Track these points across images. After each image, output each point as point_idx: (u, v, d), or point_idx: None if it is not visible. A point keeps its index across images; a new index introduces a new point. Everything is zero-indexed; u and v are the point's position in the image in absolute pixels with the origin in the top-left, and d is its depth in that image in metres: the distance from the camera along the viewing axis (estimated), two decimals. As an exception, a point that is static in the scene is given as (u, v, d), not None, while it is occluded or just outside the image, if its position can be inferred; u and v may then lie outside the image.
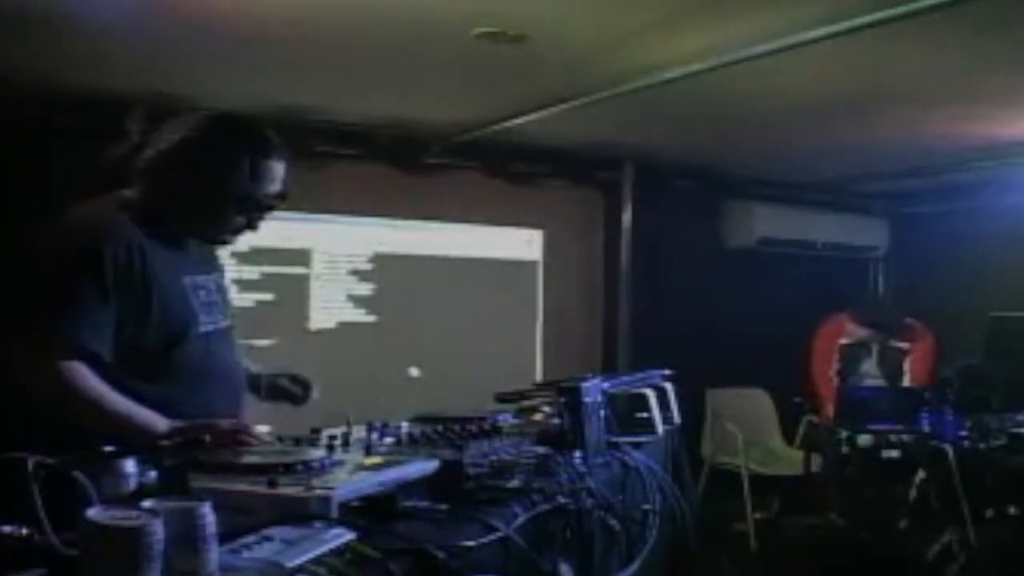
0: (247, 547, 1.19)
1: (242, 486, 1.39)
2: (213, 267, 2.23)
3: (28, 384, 1.89)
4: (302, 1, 3.27)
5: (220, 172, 2.03)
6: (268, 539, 1.21)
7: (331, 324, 5.28)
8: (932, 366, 5.67)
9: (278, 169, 2.09)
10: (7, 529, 1.14)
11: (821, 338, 5.79)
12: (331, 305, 5.29)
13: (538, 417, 2.31)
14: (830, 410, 5.42)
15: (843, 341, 5.72)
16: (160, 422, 1.86)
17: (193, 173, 2.03)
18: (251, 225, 2.13)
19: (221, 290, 2.21)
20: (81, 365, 1.87)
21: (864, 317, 5.59)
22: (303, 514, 1.31)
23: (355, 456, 1.66)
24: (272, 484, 1.39)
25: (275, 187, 2.08)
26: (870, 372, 5.63)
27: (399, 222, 5.51)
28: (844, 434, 4.57)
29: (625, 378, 2.72)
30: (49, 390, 1.87)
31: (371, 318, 5.41)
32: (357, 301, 5.38)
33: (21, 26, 3.47)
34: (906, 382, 5.62)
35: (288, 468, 1.48)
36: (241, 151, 2.05)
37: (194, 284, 2.08)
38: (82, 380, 1.86)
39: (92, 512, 1.06)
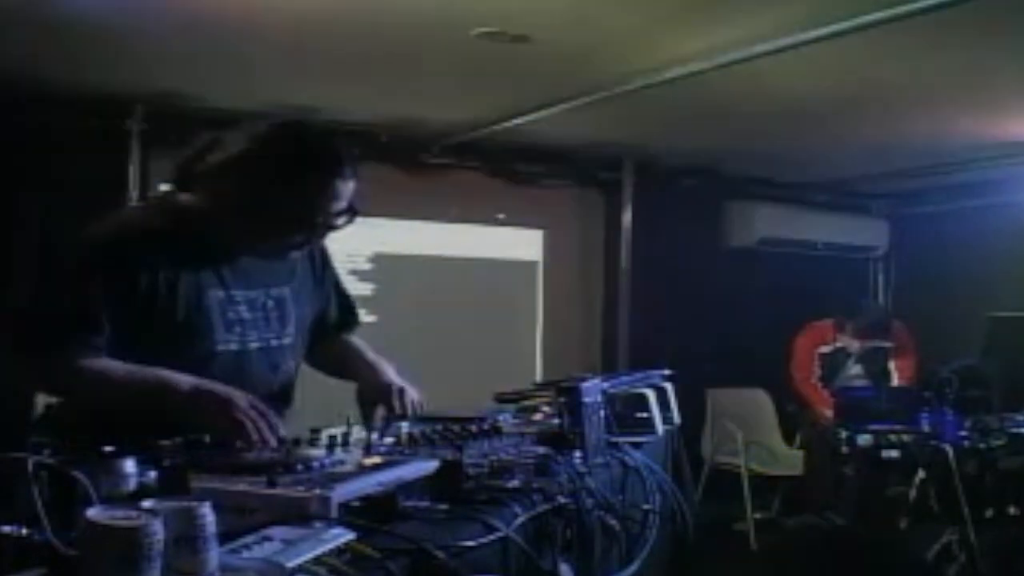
0: (247, 547, 1.18)
1: (242, 486, 1.39)
2: (274, 281, 2.10)
3: (40, 380, 1.91)
4: (302, 2, 3.27)
5: (280, 188, 1.89)
6: (268, 539, 1.21)
7: (331, 324, 5.27)
8: (917, 365, 5.66)
9: (344, 188, 1.93)
10: (7, 529, 1.14)
11: (799, 348, 5.77)
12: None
13: (538, 417, 2.30)
14: (820, 412, 5.42)
15: (822, 350, 5.71)
16: (184, 381, 1.84)
17: (252, 187, 1.89)
18: (310, 243, 2.04)
19: (280, 305, 2.10)
20: (101, 359, 1.87)
21: (854, 330, 5.56)
22: (303, 514, 1.31)
23: (355, 456, 1.66)
24: (272, 484, 1.39)
25: (339, 205, 1.93)
26: (854, 375, 5.62)
27: (399, 222, 5.50)
28: (844, 434, 4.56)
29: (625, 378, 2.72)
30: (72, 385, 1.88)
31: (371, 318, 5.40)
32: (357, 301, 5.36)
33: (21, 26, 3.47)
34: (894, 382, 5.62)
35: (288, 468, 1.48)
36: (305, 167, 1.90)
37: (227, 299, 1.99)
38: (104, 367, 1.86)
39: (92, 512, 1.06)
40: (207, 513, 1.11)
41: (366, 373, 2.25)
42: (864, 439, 4.45)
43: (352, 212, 1.97)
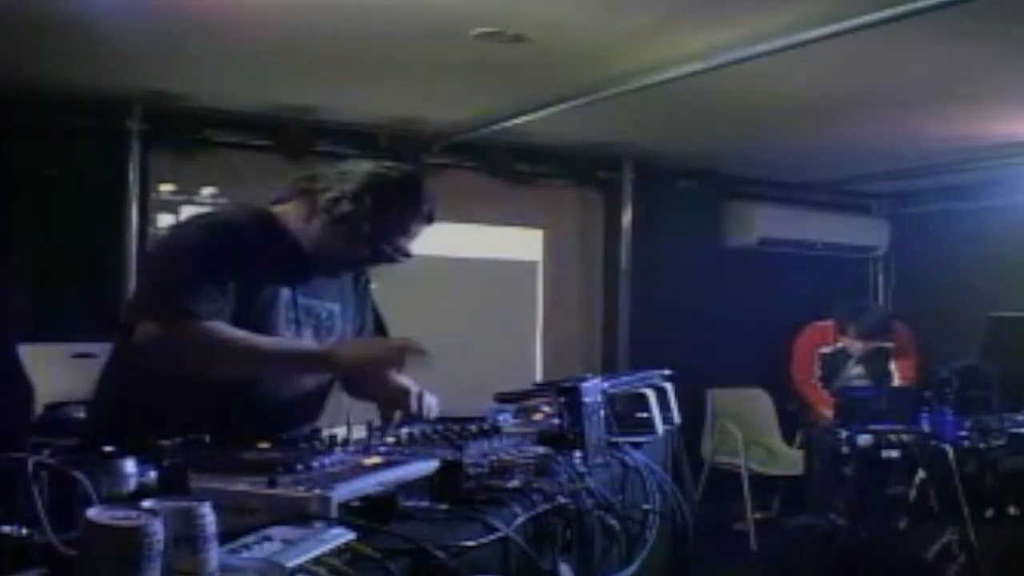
0: (247, 547, 1.18)
1: (242, 486, 1.39)
2: (328, 295, 2.27)
3: (168, 347, 1.97)
4: (302, 2, 3.27)
5: (368, 223, 2.14)
6: (268, 539, 1.21)
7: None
8: (918, 366, 5.65)
9: (421, 229, 2.24)
10: (7, 529, 1.14)
11: (799, 348, 5.77)
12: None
13: (538, 417, 2.31)
14: (820, 412, 5.42)
15: (824, 350, 5.70)
16: (312, 344, 2.09)
17: (342, 219, 2.13)
18: (369, 267, 2.32)
19: (331, 318, 2.27)
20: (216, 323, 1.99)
21: (857, 332, 5.55)
22: (303, 514, 1.31)
23: (355, 456, 1.66)
24: (272, 484, 1.39)
25: (411, 243, 2.22)
26: (854, 376, 5.62)
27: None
28: (844, 434, 4.56)
29: (625, 378, 2.72)
30: (194, 349, 1.97)
31: (371, 318, 5.41)
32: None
33: (21, 27, 3.47)
34: (895, 383, 5.61)
35: (288, 468, 1.48)
36: (392, 212, 2.17)
37: (290, 299, 2.15)
38: (220, 330, 1.98)
39: (92, 512, 1.06)
40: (207, 513, 1.11)
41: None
42: (864, 439, 4.44)
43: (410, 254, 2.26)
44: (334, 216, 2.12)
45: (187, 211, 4.70)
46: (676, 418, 2.81)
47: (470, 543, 1.45)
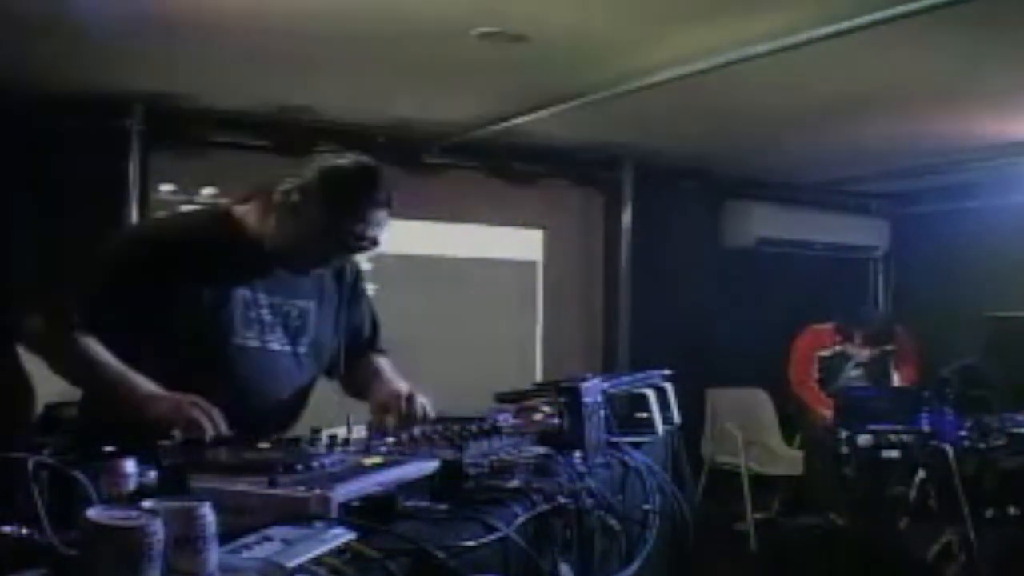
0: (247, 547, 1.18)
1: (242, 486, 1.39)
2: (300, 293, 2.24)
3: (39, 348, 2.09)
4: (302, 2, 3.27)
5: (323, 209, 2.09)
6: (268, 539, 1.21)
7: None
8: (919, 369, 5.65)
9: (377, 215, 2.14)
10: (7, 529, 1.14)
11: (798, 350, 5.77)
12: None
13: (538, 417, 2.31)
14: (819, 413, 5.42)
15: (822, 353, 5.70)
16: (141, 390, 1.98)
17: (299, 213, 2.09)
18: (334, 262, 2.23)
19: (302, 317, 2.24)
20: (90, 338, 2.01)
21: (863, 338, 5.55)
22: (303, 514, 1.31)
23: (355, 456, 1.66)
24: (272, 484, 1.39)
25: (369, 230, 2.13)
26: (853, 378, 5.62)
27: (399, 222, 5.48)
28: (844, 434, 4.56)
29: (625, 378, 2.72)
30: (53, 352, 2.06)
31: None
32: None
33: (22, 27, 3.47)
34: (895, 384, 5.61)
35: (288, 468, 1.48)
36: (346, 199, 2.11)
37: (250, 298, 2.14)
38: (84, 345, 2.01)
39: (92, 512, 1.05)
40: (207, 513, 1.11)
41: (379, 385, 2.35)
42: (864, 439, 4.44)
43: (375, 241, 2.17)
44: (287, 208, 2.10)
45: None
46: (676, 418, 2.81)
47: (470, 543, 1.45)
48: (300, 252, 2.15)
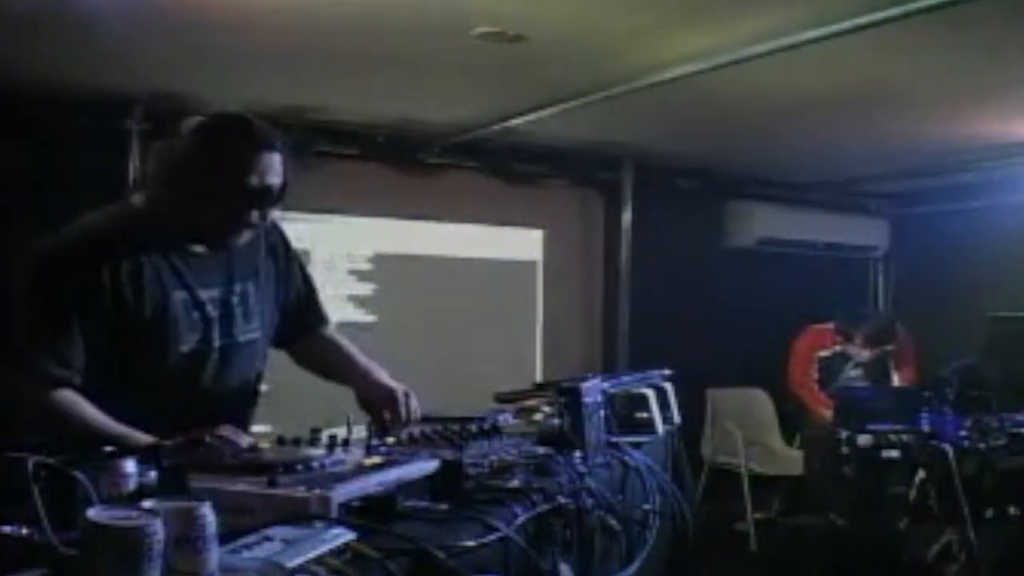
0: (247, 547, 1.18)
1: (242, 486, 1.39)
2: (238, 276, 2.12)
3: (19, 410, 1.91)
4: (302, 2, 3.27)
5: (204, 165, 1.95)
6: (268, 539, 1.21)
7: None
8: (919, 369, 5.65)
9: (264, 160, 1.98)
10: (7, 529, 1.14)
11: (797, 350, 5.76)
12: (331, 305, 5.28)
13: (538, 417, 2.30)
14: (819, 413, 5.42)
15: (822, 353, 5.69)
16: (143, 440, 1.82)
17: (183, 171, 1.97)
18: (248, 223, 2.02)
19: (244, 301, 2.12)
20: (68, 392, 1.87)
21: (865, 339, 5.54)
22: (303, 514, 1.31)
23: (355, 456, 1.66)
24: (272, 484, 1.39)
25: (260, 179, 1.96)
26: (853, 378, 5.61)
27: (399, 222, 5.50)
28: (844, 434, 4.56)
29: (625, 378, 2.72)
30: (37, 419, 1.89)
31: (371, 318, 5.41)
32: (357, 301, 5.38)
33: (22, 26, 3.47)
34: (895, 384, 5.61)
35: (288, 468, 1.48)
36: (223, 139, 1.99)
37: (188, 301, 2.01)
38: (67, 408, 1.86)
39: (92, 512, 1.05)
40: (207, 513, 1.11)
41: (362, 378, 2.28)
42: (864, 439, 4.44)
43: (281, 189, 1.99)
44: (174, 181, 1.96)
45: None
46: (676, 418, 2.81)
47: (470, 543, 1.45)
48: (205, 222, 1.99)
